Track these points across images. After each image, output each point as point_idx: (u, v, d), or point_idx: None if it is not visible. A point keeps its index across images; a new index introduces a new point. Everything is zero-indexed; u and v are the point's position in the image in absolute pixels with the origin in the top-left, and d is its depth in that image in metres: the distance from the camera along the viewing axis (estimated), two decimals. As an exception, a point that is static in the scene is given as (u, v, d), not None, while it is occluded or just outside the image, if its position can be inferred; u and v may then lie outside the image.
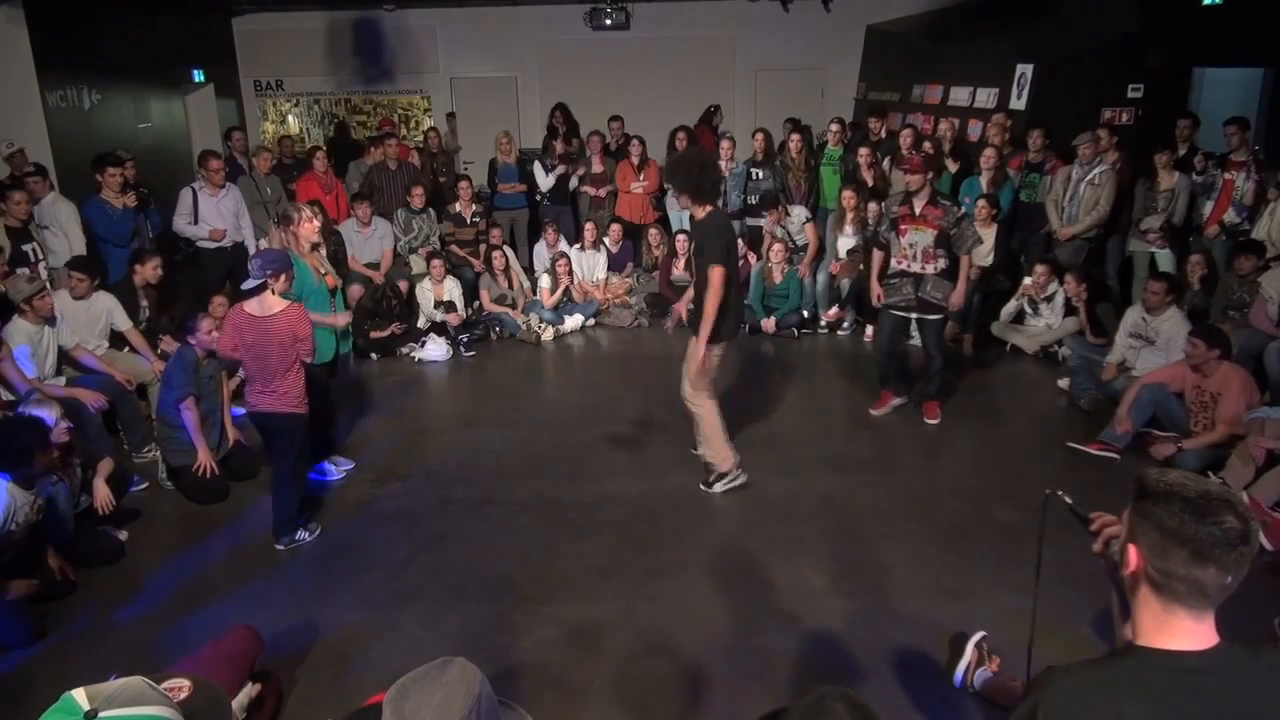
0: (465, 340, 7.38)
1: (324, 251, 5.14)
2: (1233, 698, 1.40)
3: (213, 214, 7.18)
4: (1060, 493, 1.89)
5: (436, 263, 7.67)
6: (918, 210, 5.27)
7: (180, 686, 1.66)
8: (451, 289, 7.66)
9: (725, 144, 8.41)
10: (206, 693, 1.70)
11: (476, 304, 7.89)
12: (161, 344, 5.98)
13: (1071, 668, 1.50)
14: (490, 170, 9.22)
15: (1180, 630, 1.42)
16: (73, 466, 4.26)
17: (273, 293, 4.18)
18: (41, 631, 3.65)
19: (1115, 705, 1.40)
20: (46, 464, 3.83)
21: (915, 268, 5.31)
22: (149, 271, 6.10)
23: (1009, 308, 6.94)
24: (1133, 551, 1.44)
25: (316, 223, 4.84)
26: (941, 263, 5.28)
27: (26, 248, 5.95)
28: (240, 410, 4.91)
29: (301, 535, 4.35)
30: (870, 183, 7.87)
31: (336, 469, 5.07)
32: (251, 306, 4.20)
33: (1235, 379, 4.80)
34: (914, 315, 5.45)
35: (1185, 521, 1.37)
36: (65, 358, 5.34)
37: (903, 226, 5.32)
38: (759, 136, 8.43)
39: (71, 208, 6.49)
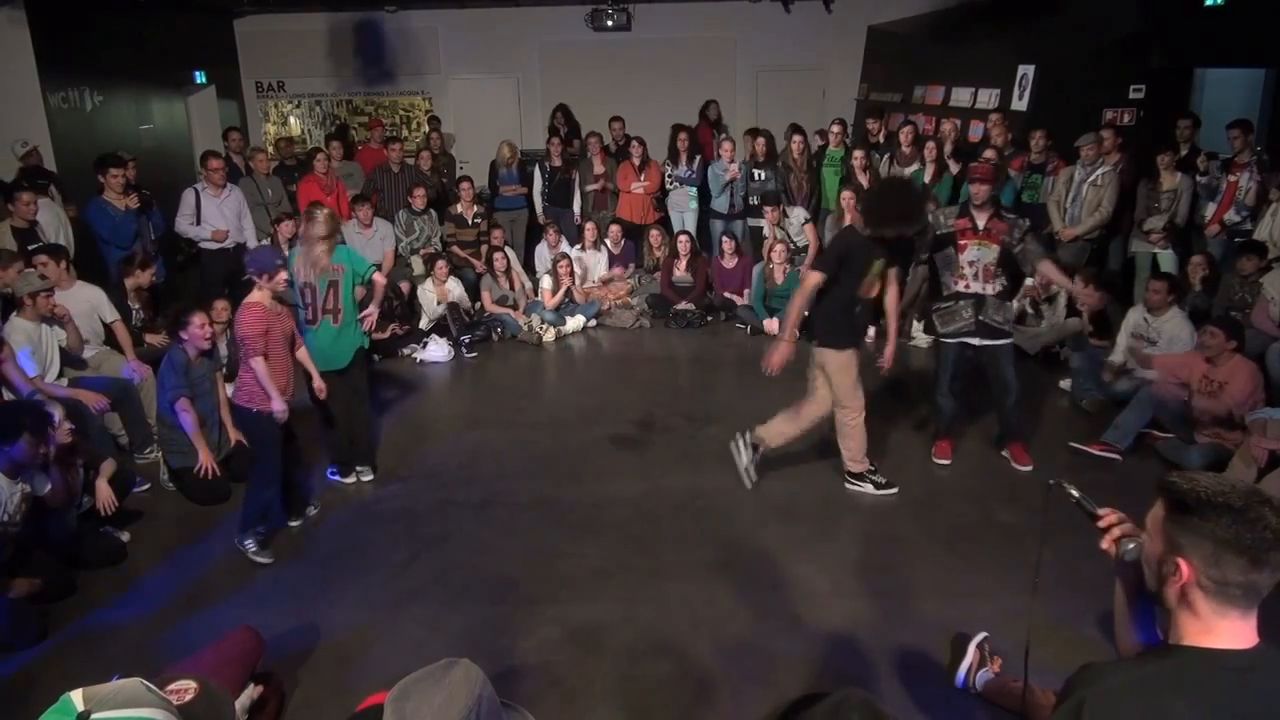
0: (467, 341, 7.39)
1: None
2: (1279, 695, 1.41)
3: (215, 215, 7.19)
4: (1065, 484, 1.82)
5: (440, 264, 7.68)
6: (981, 224, 4.72)
7: (186, 689, 1.66)
8: (454, 289, 7.67)
9: (726, 145, 8.40)
10: (210, 695, 1.70)
11: (478, 305, 7.90)
12: (148, 340, 5.98)
13: (1114, 665, 1.50)
14: (491, 173, 9.23)
15: (1227, 630, 1.43)
16: (75, 467, 4.25)
17: (259, 289, 4.18)
18: (43, 632, 3.65)
19: (1162, 703, 1.40)
20: (34, 450, 3.71)
21: (976, 288, 4.77)
22: (144, 278, 6.10)
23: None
24: (1183, 565, 1.44)
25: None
26: (1000, 283, 4.75)
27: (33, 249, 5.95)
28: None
29: (249, 544, 4.18)
30: (865, 185, 7.86)
31: (341, 473, 5.04)
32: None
33: (1244, 368, 4.85)
34: (975, 341, 4.85)
35: (1240, 532, 1.38)
36: (66, 358, 5.34)
37: (962, 242, 4.76)
38: (759, 139, 8.42)
39: (57, 213, 6.46)
